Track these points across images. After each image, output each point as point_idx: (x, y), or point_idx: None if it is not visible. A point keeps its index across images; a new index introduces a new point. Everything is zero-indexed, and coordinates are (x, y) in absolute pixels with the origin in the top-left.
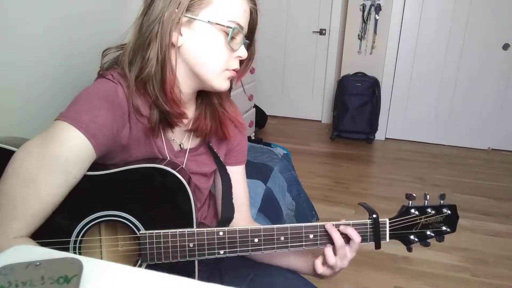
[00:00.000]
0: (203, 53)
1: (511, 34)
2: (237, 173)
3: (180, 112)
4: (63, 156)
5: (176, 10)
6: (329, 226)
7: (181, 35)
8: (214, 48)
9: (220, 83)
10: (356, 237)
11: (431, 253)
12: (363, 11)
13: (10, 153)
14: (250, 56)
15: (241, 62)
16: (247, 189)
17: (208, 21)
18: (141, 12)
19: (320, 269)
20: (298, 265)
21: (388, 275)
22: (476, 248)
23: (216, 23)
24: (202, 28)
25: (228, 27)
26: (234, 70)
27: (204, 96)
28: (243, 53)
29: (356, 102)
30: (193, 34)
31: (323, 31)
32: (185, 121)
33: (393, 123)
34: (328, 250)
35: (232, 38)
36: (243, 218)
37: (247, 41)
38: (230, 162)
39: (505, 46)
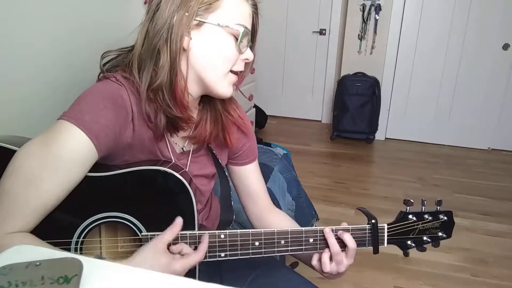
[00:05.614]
0: (212, 56)
1: (511, 34)
2: (250, 170)
3: (188, 116)
4: (65, 156)
5: (187, 14)
6: (327, 231)
7: (191, 39)
8: (224, 51)
9: (225, 89)
10: (351, 244)
11: (431, 253)
12: (363, 11)
13: (11, 152)
14: (253, 59)
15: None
16: (263, 181)
17: (218, 24)
18: (146, 18)
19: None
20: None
21: (388, 275)
22: (476, 248)
23: (226, 26)
24: (212, 31)
25: (237, 30)
26: (238, 72)
27: (207, 101)
28: (250, 55)
29: (356, 102)
30: (202, 37)
31: (323, 31)
32: (190, 125)
33: (393, 123)
34: (325, 256)
35: (241, 40)
36: (265, 208)
37: (251, 43)
38: (239, 162)
39: (505, 46)
